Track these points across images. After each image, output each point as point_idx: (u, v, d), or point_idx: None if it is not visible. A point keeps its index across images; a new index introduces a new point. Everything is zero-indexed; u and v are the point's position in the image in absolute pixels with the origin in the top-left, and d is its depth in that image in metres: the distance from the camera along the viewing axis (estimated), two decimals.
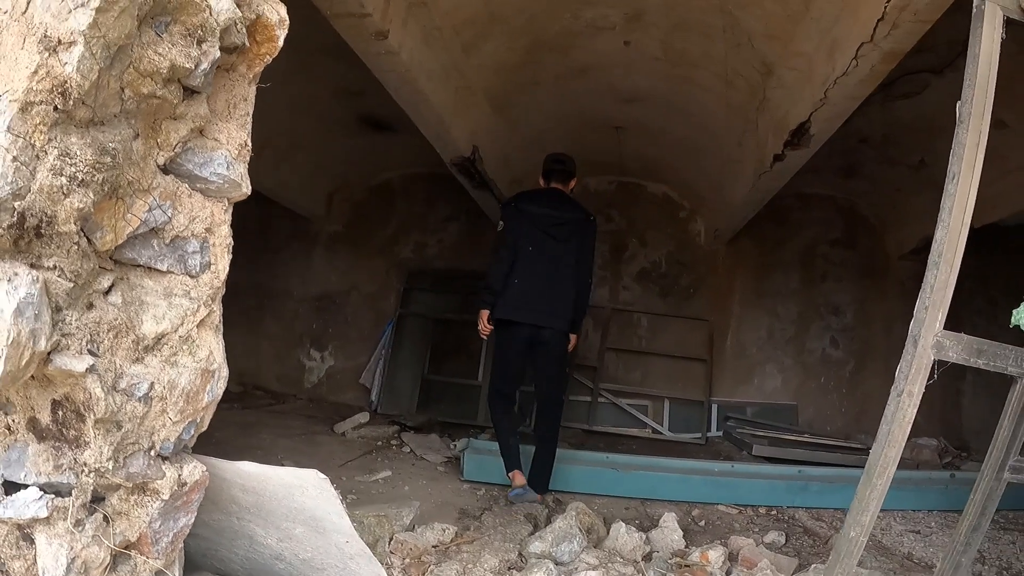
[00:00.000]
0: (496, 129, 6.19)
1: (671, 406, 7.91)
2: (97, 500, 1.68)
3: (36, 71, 1.40)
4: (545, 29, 5.01)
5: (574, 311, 4.44)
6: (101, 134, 1.54)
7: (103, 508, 1.70)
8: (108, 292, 1.68)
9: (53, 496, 1.59)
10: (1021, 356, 2.29)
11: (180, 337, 1.82)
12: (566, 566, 3.09)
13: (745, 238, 7.94)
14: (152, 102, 1.66)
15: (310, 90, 5.99)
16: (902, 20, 3.23)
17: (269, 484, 2.07)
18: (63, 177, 1.46)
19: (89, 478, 1.62)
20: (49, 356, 1.50)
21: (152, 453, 1.77)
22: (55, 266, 1.50)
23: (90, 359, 1.56)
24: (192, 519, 1.93)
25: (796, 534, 4.11)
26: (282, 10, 1.95)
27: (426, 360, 8.15)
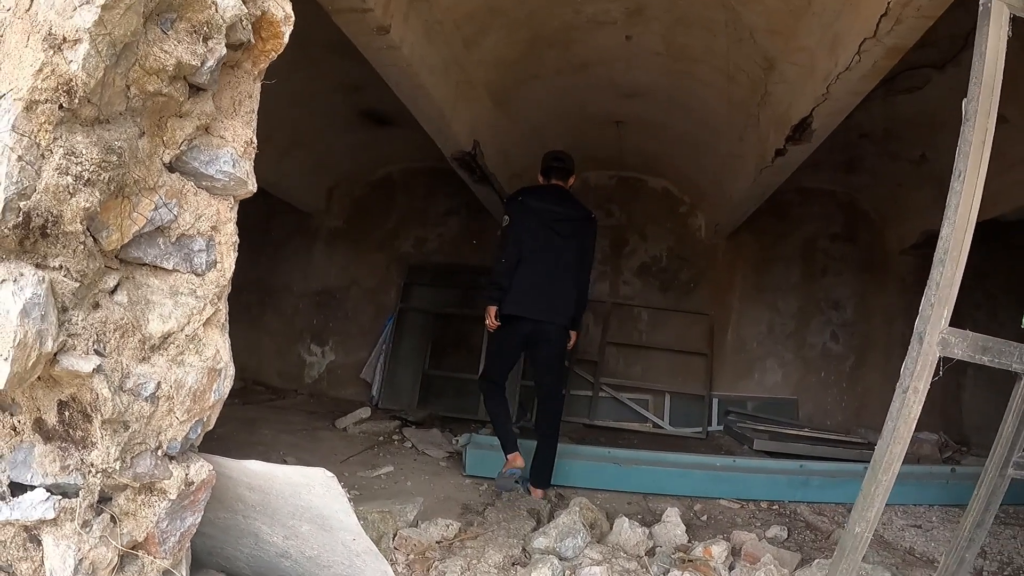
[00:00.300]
0: (497, 123, 6.17)
1: (672, 400, 7.92)
2: (104, 500, 1.68)
3: (41, 69, 1.39)
4: (545, 24, 4.99)
5: (575, 307, 4.45)
6: (107, 132, 1.53)
7: (110, 508, 1.69)
8: (114, 291, 1.67)
9: (60, 497, 1.58)
10: None
11: (186, 336, 1.82)
12: (570, 561, 3.09)
13: (745, 232, 7.94)
14: (158, 100, 1.65)
15: (311, 85, 5.97)
16: (905, 16, 3.22)
17: (275, 482, 2.07)
18: (69, 176, 1.45)
19: (96, 478, 1.61)
20: (56, 357, 1.49)
21: (159, 453, 1.77)
22: (61, 266, 1.49)
23: (97, 359, 1.56)
24: (199, 518, 1.93)
25: (798, 528, 4.12)
26: (287, 6, 1.93)
27: (427, 355, 8.13)
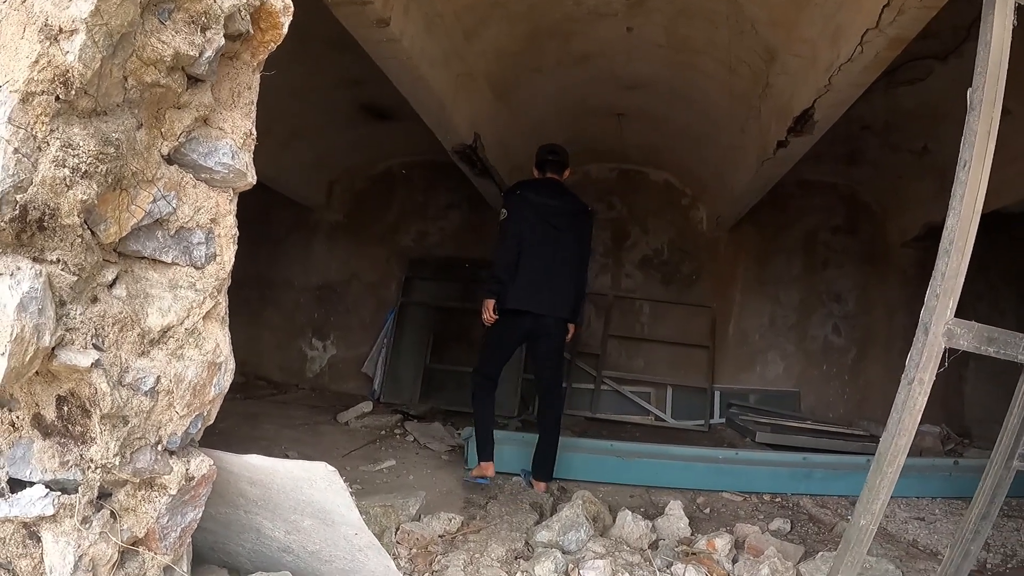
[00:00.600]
0: (497, 116, 6.15)
1: (674, 393, 7.91)
2: (104, 496, 1.67)
3: (37, 61, 1.37)
4: (546, 15, 4.96)
5: (574, 301, 4.46)
6: (104, 124, 1.51)
7: (110, 504, 1.68)
8: (113, 285, 1.65)
9: (59, 493, 1.57)
10: None
11: (186, 330, 1.80)
12: (573, 555, 3.08)
13: (747, 225, 7.92)
14: (156, 91, 1.64)
15: (311, 79, 5.94)
16: (908, 6, 3.20)
17: (277, 477, 2.06)
18: (66, 169, 1.43)
19: (95, 474, 1.60)
20: (53, 351, 1.48)
21: (159, 448, 1.75)
22: (58, 260, 1.48)
23: (95, 354, 1.54)
24: (200, 513, 1.91)
25: (801, 521, 4.11)
26: None
27: (428, 349, 8.11)
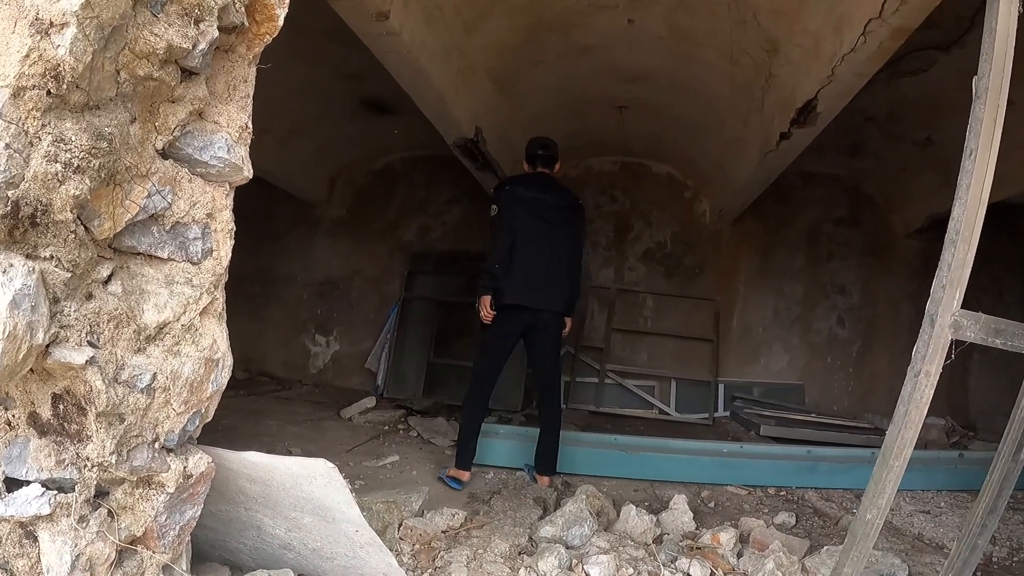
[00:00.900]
0: (499, 110, 6.12)
1: (678, 386, 7.88)
2: (101, 495, 1.65)
3: (28, 55, 1.35)
4: (547, 8, 4.93)
5: (569, 294, 4.45)
6: (97, 119, 1.49)
7: (107, 503, 1.66)
8: (108, 281, 1.64)
9: (56, 492, 1.56)
10: None
11: (183, 326, 1.78)
12: (577, 550, 3.07)
13: (750, 217, 7.88)
14: (149, 84, 1.61)
15: (310, 74, 5.92)
16: None
17: (276, 474, 2.04)
18: (58, 164, 1.41)
19: (92, 473, 1.58)
20: (48, 349, 1.46)
21: (156, 445, 1.74)
22: (52, 256, 1.46)
23: (90, 351, 1.53)
24: (199, 511, 1.90)
25: (806, 515, 4.09)
26: None
27: (431, 343, 8.09)
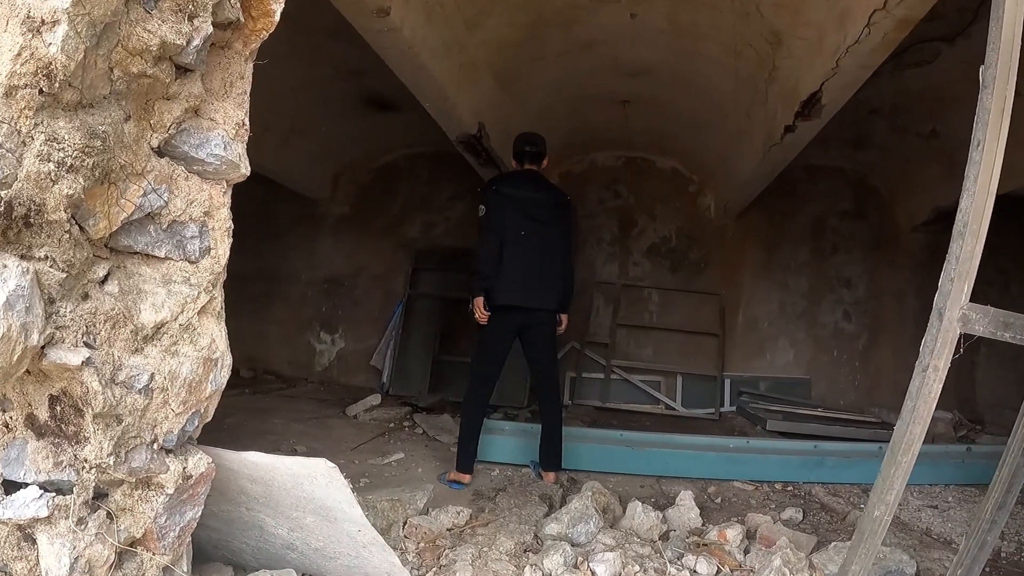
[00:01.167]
0: (501, 105, 6.09)
1: (684, 381, 7.85)
2: (100, 497, 1.64)
3: (19, 53, 1.34)
4: (548, 4, 4.90)
5: (563, 292, 4.45)
6: (90, 117, 1.47)
7: (106, 505, 1.65)
8: (104, 281, 1.62)
9: (54, 494, 1.54)
10: None
11: (180, 325, 1.77)
12: (583, 547, 3.05)
13: (754, 211, 7.84)
14: (143, 82, 1.60)
15: (311, 71, 5.91)
16: None
17: (277, 474, 2.03)
18: (51, 163, 1.40)
19: (90, 474, 1.57)
20: (43, 350, 1.45)
21: (155, 446, 1.72)
22: (47, 256, 1.44)
23: (86, 352, 1.51)
24: (199, 512, 1.89)
25: (813, 510, 4.06)
26: None
27: (437, 340, 8.07)
